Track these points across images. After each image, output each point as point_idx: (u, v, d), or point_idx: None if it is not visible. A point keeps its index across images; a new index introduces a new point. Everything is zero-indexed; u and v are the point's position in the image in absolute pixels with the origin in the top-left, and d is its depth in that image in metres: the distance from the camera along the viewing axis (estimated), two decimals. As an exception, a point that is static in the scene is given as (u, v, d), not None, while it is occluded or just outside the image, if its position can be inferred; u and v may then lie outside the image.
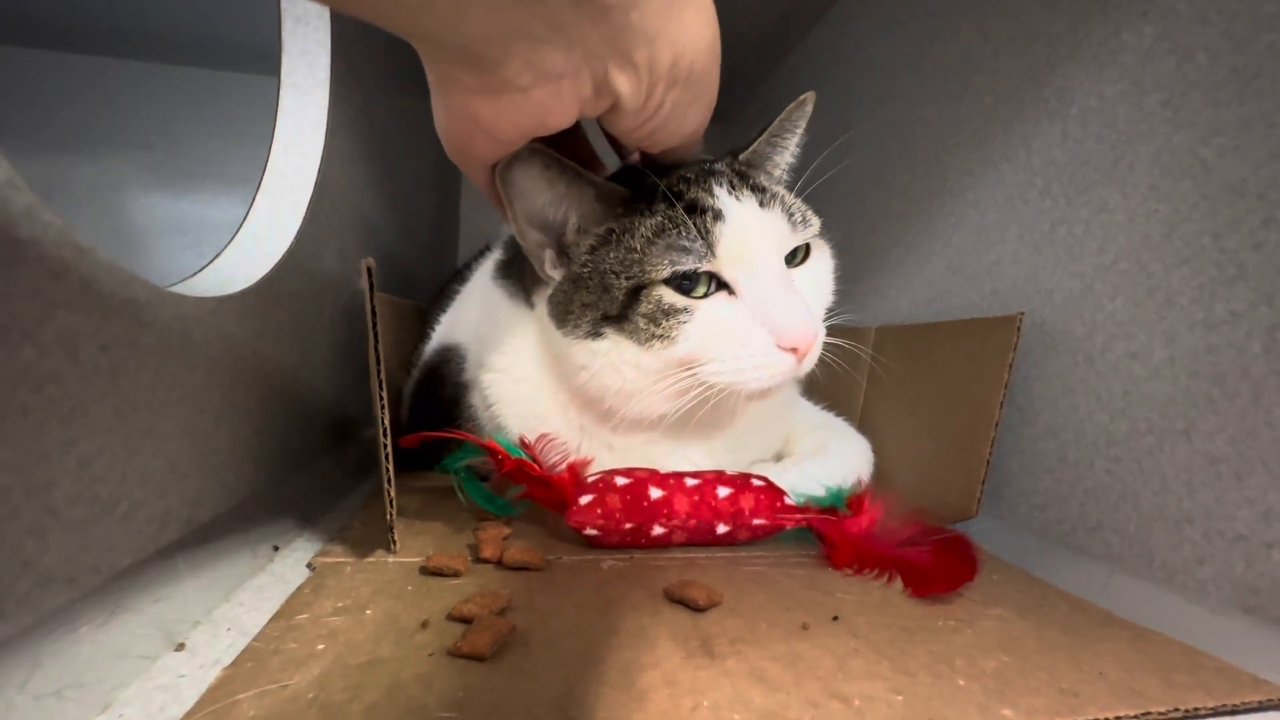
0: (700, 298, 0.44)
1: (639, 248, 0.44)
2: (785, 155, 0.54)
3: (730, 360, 0.44)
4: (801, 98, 0.52)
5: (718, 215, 0.44)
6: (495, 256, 0.63)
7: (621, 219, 0.46)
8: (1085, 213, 0.51)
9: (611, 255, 0.45)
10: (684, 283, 0.44)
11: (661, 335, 0.44)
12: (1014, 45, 0.60)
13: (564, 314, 0.47)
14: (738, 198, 0.46)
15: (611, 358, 0.46)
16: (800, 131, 0.53)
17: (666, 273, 0.44)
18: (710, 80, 0.39)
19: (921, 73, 0.75)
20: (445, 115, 0.36)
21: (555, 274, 0.49)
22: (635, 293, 0.44)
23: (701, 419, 0.49)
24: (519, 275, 0.54)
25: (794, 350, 0.43)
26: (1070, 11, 0.54)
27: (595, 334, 0.46)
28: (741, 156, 0.51)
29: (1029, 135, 0.58)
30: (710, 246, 0.44)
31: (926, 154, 0.72)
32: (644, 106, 0.36)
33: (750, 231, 0.45)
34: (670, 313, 0.44)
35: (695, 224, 0.44)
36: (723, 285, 0.45)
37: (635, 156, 0.50)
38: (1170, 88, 0.45)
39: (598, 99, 0.35)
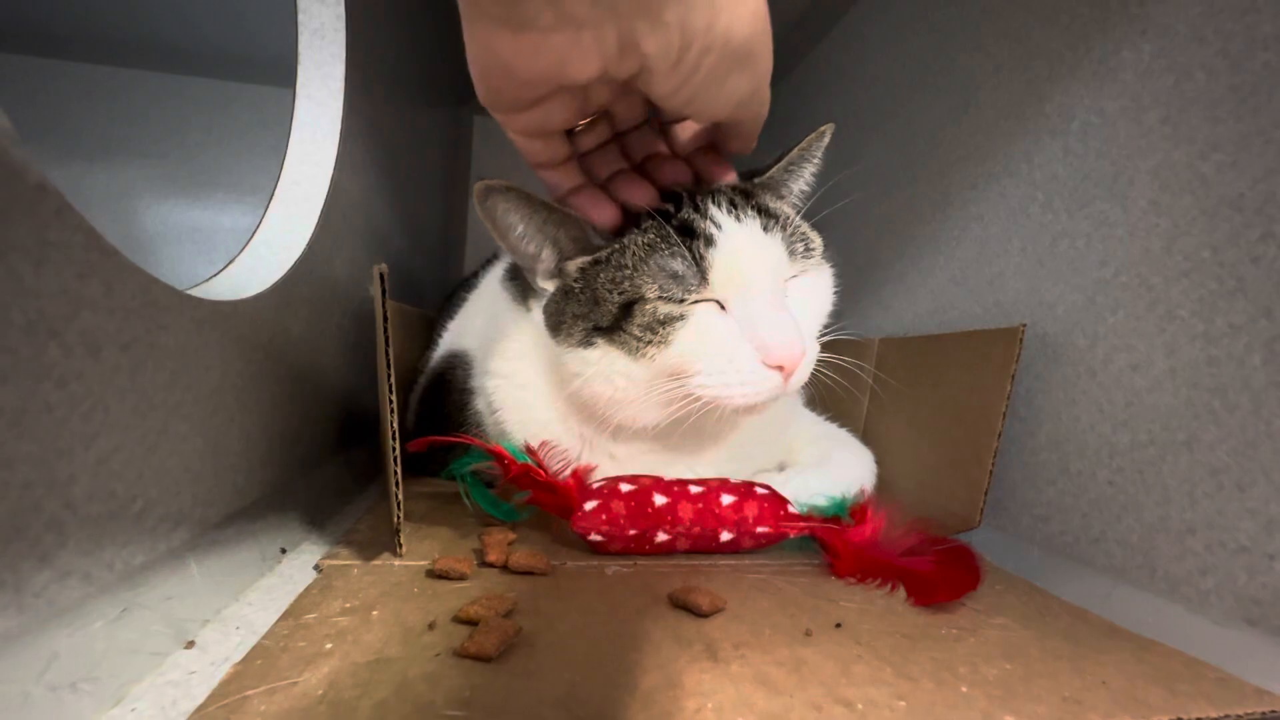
0: (692, 303, 0.45)
1: (631, 265, 0.45)
2: (800, 183, 0.54)
3: (717, 374, 0.44)
4: (821, 129, 0.51)
5: (710, 241, 0.44)
6: (505, 261, 0.64)
7: (613, 241, 0.46)
8: (1086, 226, 0.52)
9: (603, 274, 0.46)
10: (669, 299, 0.45)
11: (659, 341, 0.44)
12: (1016, 62, 0.61)
13: (557, 323, 0.48)
14: (738, 218, 0.45)
15: (602, 367, 0.46)
16: (818, 161, 0.53)
17: (657, 295, 0.44)
18: (755, 49, 0.37)
19: (924, 89, 0.76)
20: (471, 46, 0.35)
21: (548, 285, 0.49)
22: (628, 307, 0.45)
23: (704, 430, 0.49)
24: (522, 278, 0.55)
25: (780, 368, 0.43)
26: (1071, 30, 0.55)
27: (587, 343, 0.46)
28: (756, 180, 0.51)
29: (1030, 150, 0.58)
30: (703, 273, 0.44)
31: (929, 168, 0.73)
32: (675, 70, 0.35)
33: (746, 257, 0.44)
34: (666, 320, 0.44)
35: (690, 249, 0.44)
36: (710, 301, 0.45)
37: (688, 130, 0.48)
38: (1169, 104, 0.46)
39: (623, 58, 0.34)
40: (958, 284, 0.66)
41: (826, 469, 0.55)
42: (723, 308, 0.45)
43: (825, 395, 0.69)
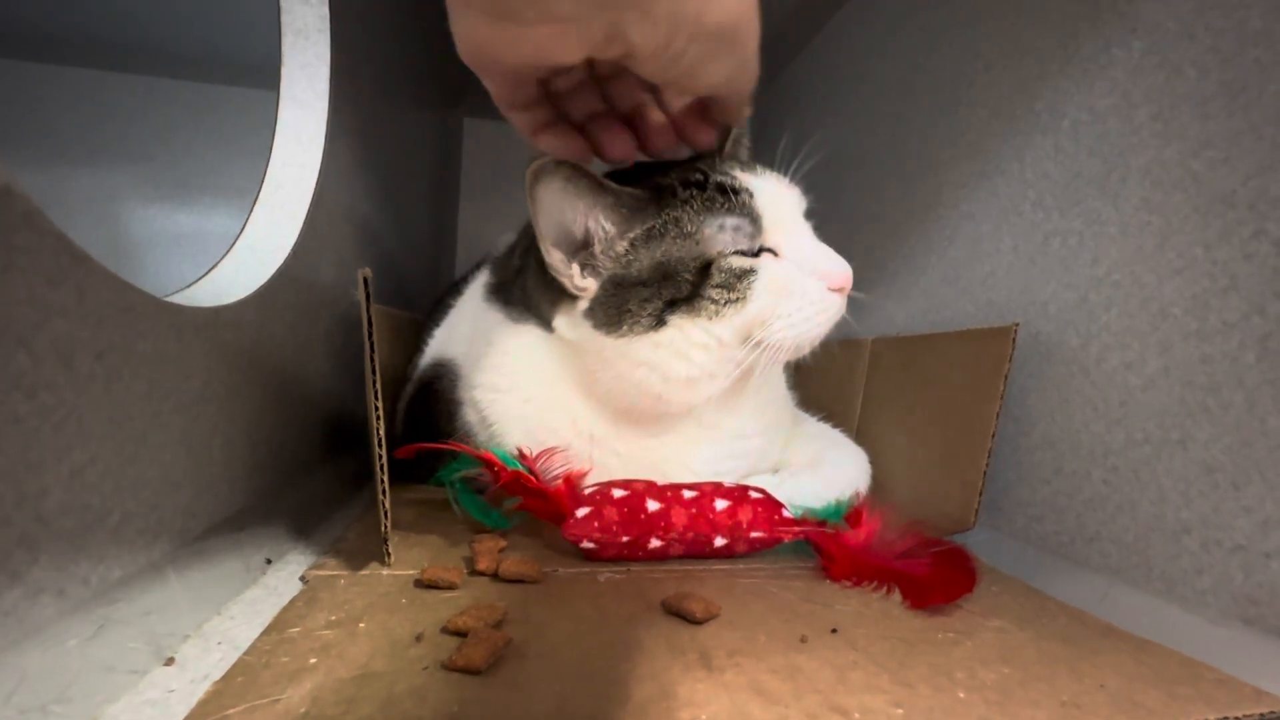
0: (757, 255, 0.48)
1: (693, 230, 0.47)
2: None
3: (796, 312, 0.47)
4: (735, 133, 0.53)
5: (751, 192, 0.48)
6: (484, 279, 0.63)
7: (660, 214, 0.47)
8: (1078, 225, 0.52)
9: (662, 248, 0.47)
10: (740, 251, 0.48)
11: (737, 299, 0.46)
12: (1006, 60, 0.61)
13: (617, 317, 0.47)
14: (755, 173, 0.50)
15: (678, 344, 0.47)
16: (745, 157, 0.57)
17: (730, 250, 0.47)
18: (744, 35, 0.37)
19: (915, 88, 0.76)
20: (455, 27, 0.34)
21: (587, 283, 0.48)
22: (704, 270, 0.46)
23: (708, 417, 0.52)
24: (521, 301, 0.54)
25: (840, 290, 0.48)
26: (1061, 27, 0.55)
27: (659, 324, 0.47)
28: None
29: (1022, 148, 0.58)
30: (756, 221, 0.48)
31: (921, 167, 0.73)
32: (662, 54, 0.35)
33: (781, 200, 0.49)
34: (741, 275, 0.47)
35: (739, 202, 0.47)
36: (764, 248, 0.49)
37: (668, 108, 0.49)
38: (1160, 101, 0.46)
39: (609, 45, 0.33)
40: (950, 283, 0.66)
41: (821, 472, 0.55)
42: (774, 254, 0.48)
43: (819, 395, 0.69)
